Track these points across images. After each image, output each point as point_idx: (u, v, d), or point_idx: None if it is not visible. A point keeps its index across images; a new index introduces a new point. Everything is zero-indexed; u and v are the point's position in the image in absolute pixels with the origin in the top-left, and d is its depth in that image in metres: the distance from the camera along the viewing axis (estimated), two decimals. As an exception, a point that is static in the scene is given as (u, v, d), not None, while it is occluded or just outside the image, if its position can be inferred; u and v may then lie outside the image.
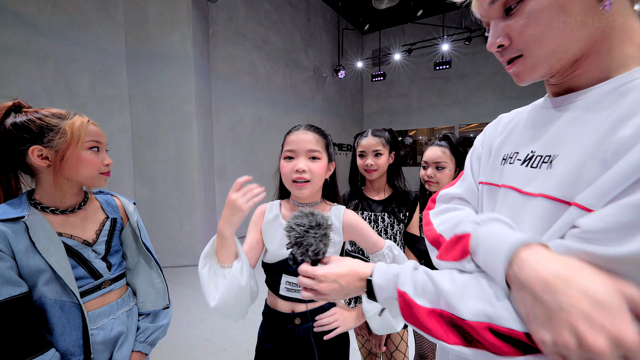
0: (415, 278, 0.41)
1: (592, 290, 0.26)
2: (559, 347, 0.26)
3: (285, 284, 0.76)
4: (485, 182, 0.51)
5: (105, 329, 0.71)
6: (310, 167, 0.73)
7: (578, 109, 0.38)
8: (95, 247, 0.73)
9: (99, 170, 0.71)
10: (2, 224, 0.60)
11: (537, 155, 0.40)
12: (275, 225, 0.78)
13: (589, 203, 0.31)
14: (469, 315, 0.33)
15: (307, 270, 0.51)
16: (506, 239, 0.34)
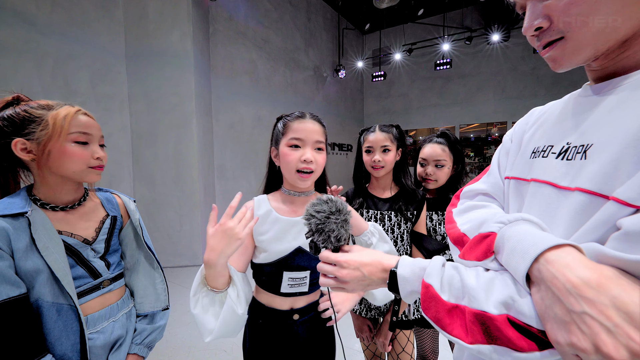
0: (442, 273, 0.40)
1: (625, 303, 0.24)
2: (574, 349, 0.25)
3: (288, 280, 0.74)
4: (513, 177, 0.49)
5: (106, 332, 0.69)
6: (316, 158, 0.72)
7: (621, 94, 0.34)
8: (95, 246, 0.70)
9: (87, 164, 0.66)
10: (3, 220, 0.58)
11: (572, 146, 0.38)
12: (269, 221, 0.75)
13: (629, 197, 0.28)
14: (491, 307, 0.32)
15: (329, 256, 0.50)
16: (534, 238, 0.32)
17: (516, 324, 0.31)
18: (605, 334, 0.24)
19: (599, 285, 0.25)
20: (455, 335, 0.35)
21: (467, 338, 0.34)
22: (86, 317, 0.66)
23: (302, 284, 0.75)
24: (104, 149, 0.72)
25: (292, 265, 0.74)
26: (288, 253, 0.73)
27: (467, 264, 0.40)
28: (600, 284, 0.26)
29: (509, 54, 6.42)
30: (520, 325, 0.30)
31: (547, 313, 0.28)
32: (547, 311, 0.28)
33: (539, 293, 0.30)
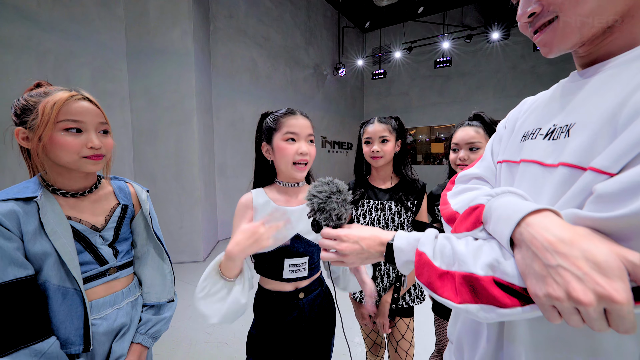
0: (435, 243, 0.43)
1: (593, 254, 0.27)
2: (550, 299, 0.28)
3: (289, 266, 0.78)
4: (504, 160, 0.52)
5: (109, 319, 0.70)
6: (310, 150, 0.79)
7: (602, 76, 0.37)
8: (103, 233, 0.71)
9: (80, 154, 0.63)
10: (15, 203, 0.59)
11: (557, 127, 0.40)
12: (268, 211, 0.79)
13: (603, 166, 0.31)
14: (478, 269, 0.35)
15: (330, 232, 0.53)
16: (518, 206, 0.35)
17: (501, 284, 0.33)
18: (576, 281, 0.26)
19: (572, 242, 0.28)
20: (445, 296, 0.38)
21: (456, 299, 0.36)
22: (90, 303, 0.67)
23: (302, 269, 0.79)
24: (108, 136, 0.70)
25: (292, 251, 0.78)
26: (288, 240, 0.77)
27: (459, 236, 0.43)
28: (573, 241, 0.28)
29: (509, 52, 6.42)
30: (504, 285, 0.33)
31: (527, 270, 0.31)
32: (527, 268, 0.31)
33: (521, 253, 0.32)
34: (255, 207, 0.79)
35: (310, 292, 0.82)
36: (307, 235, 0.79)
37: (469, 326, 0.50)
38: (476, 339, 0.47)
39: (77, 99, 0.65)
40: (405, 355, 1.03)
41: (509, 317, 0.33)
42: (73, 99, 0.64)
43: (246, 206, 0.79)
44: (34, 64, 2.51)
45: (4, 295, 0.56)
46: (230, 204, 4.46)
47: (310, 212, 0.57)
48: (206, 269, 0.68)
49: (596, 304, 0.26)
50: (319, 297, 0.83)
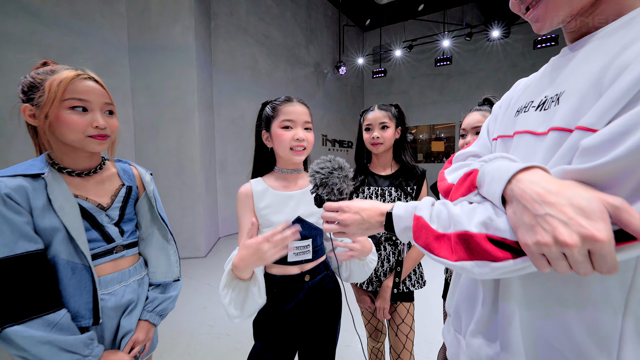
0: (432, 209, 0.45)
1: (577, 200, 0.29)
2: (539, 246, 0.30)
3: (294, 249, 0.79)
4: (499, 136, 0.53)
5: (117, 295, 0.72)
6: (307, 136, 0.81)
7: (589, 46, 0.39)
8: (109, 212, 0.73)
9: (85, 133, 0.64)
10: (23, 179, 0.61)
11: (548, 98, 0.42)
12: (267, 197, 0.81)
13: (589, 123, 0.32)
14: (472, 227, 0.37)
15: (332, 205, 0.55)
16: (508, 166, 0.36)
17: (494, 239, 0.35)
18: (562, 226, 0.28)
19: (558, 192, 0.30)
20: (442, 256, 0.40)
21: (452, 257, 0.38)
22: (99, 278, 0.69)
23: (306, 251, 0.80)
24: (113, 117, 0.71)
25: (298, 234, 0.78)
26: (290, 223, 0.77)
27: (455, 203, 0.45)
28: (559, 191, 0.30)
29: (509, 50, 6.44)
30: (497, 241, 0.35)
31: (518, 223, 0.33)
32: (518, 221, 0.33)
33: (512, 208, 0.34)
34: (255, 196, 0.81)
35: (316, 274, 0.83)
36: (308, 218, 0.81)
37: (465, 294, 0.52)
38: (473, 305, 0.49)
39: (83, 78, 0.66)
40: (406, 339, 1.05)
41: (501, 270, 0.34)
42: (79, 78, 0.65)
43: (246, 195, 0.81)
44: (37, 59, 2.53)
45: (16, 267, 0.57)
46: (231, 200, 4.47)
47: (313, 188, 0.60)
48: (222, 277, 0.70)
49: (580, 245, 0.27)
50: (324, 280, 0.85)
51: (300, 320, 0.81)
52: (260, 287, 0.71)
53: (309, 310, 0.81)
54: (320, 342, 0.85)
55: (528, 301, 0.40)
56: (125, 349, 0.72)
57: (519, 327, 0.40)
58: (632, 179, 0.28)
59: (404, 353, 1.04)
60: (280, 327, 0.80)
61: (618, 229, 0.27)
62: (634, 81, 0.29)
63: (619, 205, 0.27)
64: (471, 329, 0.47)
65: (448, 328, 0.59)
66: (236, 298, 0.69)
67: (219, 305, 2.31)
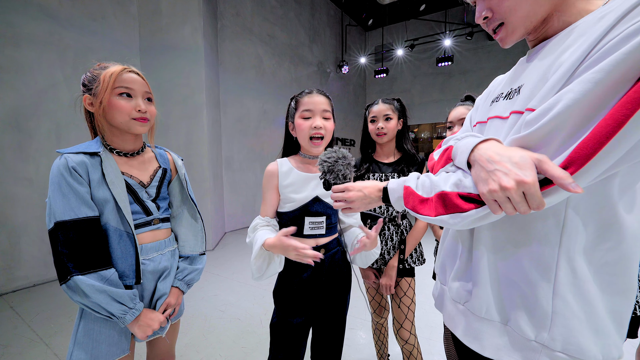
0: (417, 180, 0.56)
1: (513, 158, 0.39)
2: (490, 193, 0.40)
3: (309, 224, 0.89)
4: (478, 122, 0.65)
5: (155, 261, 0.83)
6: (325, 125, 0.88)
7: (543, 51, 0.49)
8: (148, 190, 0.84)
9: (130, 116, 0.75)
10: (84, 156, 0.73)
11: (513, 89, 0.53)
12: (292, 176, 0.91)
13: (534, 105, 0.43)
14: (447, 188, 0.48)
15: (339, 186, 0.67)
16: (473, 139, 0.48)
17: (463, 195, 0.46)
18: (504, 176, 0.39)
19: (503, 154, 0.41)
20: (425, 214, 0.50)
21: (432, 213, 0.49)
22: (140, 246, 0.80)
23: (320, 227, 0.90)
24: (151, 104, 0.82)
25: (312, 211, 0.89)
26: (308, 200, 0.89)
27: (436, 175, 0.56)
28: (503, 153, 0.41)
29: (510, 49, 6.47)
30: (465, 196, 0.45)
31: (477, 179, 0.43)
32: (477, 178, 0.43)
33: (474, 169, 0.45)
34: (280, 174, 0.91)
35: (330, 249, 0.92)
36: (325, 198, 0.91)
37: (448, 251, 0.63)
38: (454, 258, 0.60)
39: (128, 71, 0.78)
40: (407, 310, 1.15)
41: (469, 219, 0.45)
42: (125, 71, 0.77)
43: (272, 174, 0.91)
44: (56, 59, 2.66)
45: (79, 229, 0.68)
46: (237, 197, 4.59)
47: (322, 175, 0.72)
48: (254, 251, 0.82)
49: (516, 187, 0.37)
50: (337, 254, 0.94)
51: (315, 289, 0.91)
52: (281, 258, 0.84)
53: (323, 280, 0.91)
54: (332, 310, 0.95)
55: (493, 246, 0.51)
56: (160, 310, 0.83)
57: (487, 267, 0.51)
58: (554, 142, 0.39)
59: (405, 323, 1.15)
60: (298, 294, 0.90)
61: (543, 178, 0.38)
62: (563, 74, 0.40)
63: (541, 159, 0.37)
64: (452, 276, 0.59)
65: (436, 286, 0.70)
66: (261, 265, 0.83)
67: (228, 293, 2.42)
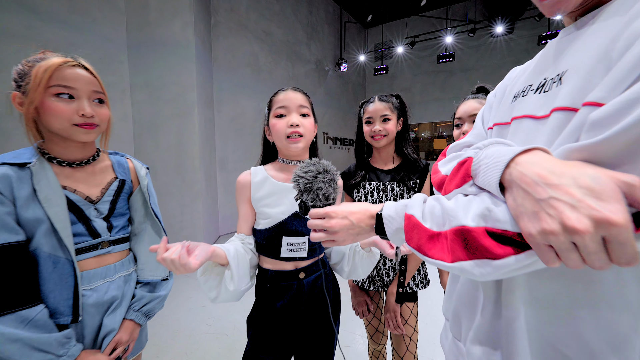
0: (424, 206, 0.41)
1: (585, 180, 0.25)
2: (544, 235, 0.26)
3: (287, 245, 0.75)
4: (495, 124, 0.50)
5: (99, 291, 0.68)
6: (302, 122, 0.76)
7: (595, 24, 0.35)
8: (98, 206, 0.70)
9: (71, 121, 0.61)
10: (9, 168, 0.58)
11: (548, 79, 0.39)
12: (266, 187, 0.77)
13: (599, 97, 0.29)
14: (469, 221, 0.33)
15: (318, 211, 0.51)
16: (506, 150, 0.33)
17: (493, 233, 0.31)
18: (570, 210, 0.24)
19: (563, 172, 0.26)
20: (437, 257, 0.35)
21: (448, 258, 0.34)
22: (81, 273, 0.65)
23: (301, 249, 0.76)
24: (104, 106, 0.69)
25: (291, 229, 0.75)
26: (286, 217, 0.75)
27: (449, 196, 0.41)
28: (563, 171, 0.26)
29: (513, 46, 6.34)
30: (497, 234, 0.31)
31: (519, 210, 0.28)
32: (519, 208, 0.28)
33: (511, 195, 0.30)
34: (253, 185, 0.77)
35: (312, 273, 0.78)
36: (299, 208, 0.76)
37: (465, 298, 0.47)
38: (472, 309, 0.45)
39: (71, 65, 0.63)
40: (409, 341, 0.99)
41: (504, 269, 0.30)
42: (67, 65, 0.63)
43: (243, 185, 0.78)
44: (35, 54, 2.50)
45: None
46: (232, 198, 4.44)
47: (297, 194, 0.55)
48: None
49: (593, 231, 0.23)
50: (320, 278, 0.80)
51: (294, 319, 0.76)
52: (234, 274, 0.67)
53: (304, 309, 0.77)
54: (316, 344, 0.80)
55: (534, 303, 0.36)
56: (107, 350, 0.68)
57: (524, 332, 0.35)
58: None
59: (407, 356, 0.99)
60: (274, 325, 0.76)
61: (635, 212, 0.23)
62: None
63: (634, 183, 0.23)
64: (472, 337, 0.43)
65: (446, 334, 0.54)
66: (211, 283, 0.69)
67: (218, 305, 2.28)
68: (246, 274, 0.71)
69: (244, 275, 0.69)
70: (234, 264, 0.67)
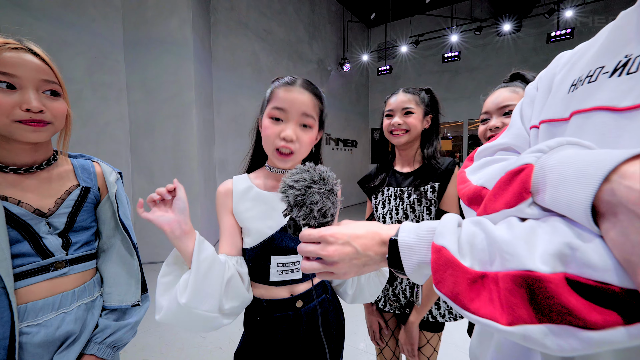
0: (459, 232, 0.29)
1: None
2: None
3: (277, 266, 0.62)
4: (544, 121, 0.39)
5: (49, 326, 0.56)
6: (300, 136, 0.60)
7: None
8: (52, 220, 0.58)
9: (11, 117, 0.50)
10: None
11: (634, 56, 0.28)
12: (250, 197, 0.64)
13: None
14: (538, 264, 0.22)
15: (312, 233, 0.39)
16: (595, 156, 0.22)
17: (580, 284, 0.20)
18: None
19: None
20: (484, 315, 0.24)
21: (502, 317, 0.23)
22: (25, 305, 0.53)
23: (294, 269, 0.63)
24: (59, 99, 0.57)
25: (280, 247, 0.62)
26: (274, 232, 0.62)
27: (494, 218, 0.29)
28: None
29: (520, 45, 6.18)
30: (587, 286, 0.20)
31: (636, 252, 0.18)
32: (635, 250, 0.18)
33: (617, 226, 0.19)
34: (235, 195, 0.64)
35: (311, 299, 0.66)
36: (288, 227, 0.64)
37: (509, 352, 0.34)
38: None
39: (13, 47, 0.52)
40: (422, 373, 0.86)
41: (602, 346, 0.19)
42: (6, 47, 0.51)
43: (224, 195, 0.65)
44: (26, 52, 2.42)
45: None
46: (231, 201, 4.33)
47: (286, 209, 0.42)
48: None
49: None
50: (322, 305, 0.67)
51: (291, 357, 0.64)
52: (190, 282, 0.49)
53: (302, 344, 0.64)
54: None
55: None
56: None
57: None
58: None
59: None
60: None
61: None
62: None
63: None
64: None
65: None
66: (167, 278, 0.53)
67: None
68: (213, 295, 0.52)
69: (209, 294, 0.51)
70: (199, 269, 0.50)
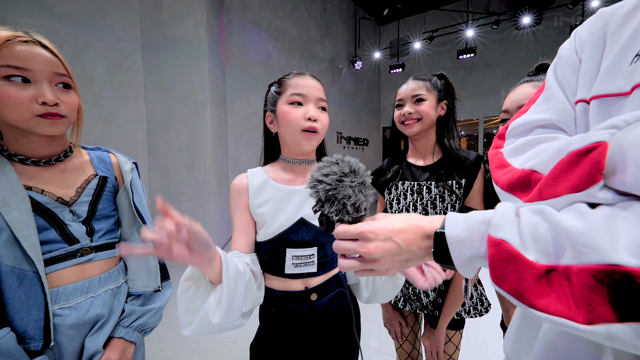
0: (519, 222, 0.26)
1: None
2: None
3: (292, 259, 0.62)
4: (596, 96, 0.33)
5: (80, 309, 0.58)
6: (320, 117, 0.64)
7: None
8: (75, 208, 0.60)
9: (30, 111, 0.51)
10: None
11: None
12: (266, 191, 0.64)
13: None
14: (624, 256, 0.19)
15: (349, 229, 0.37)
16: None
17: None
18: None
19: None
20: (554, 312, 0.22)
21: (579, 316, 0.21)
22: (57, 289, 0.55)
23: (309, 262, 0.63)
24: (71, 92, 0.57)
25: (296, 240, 0.62)
26: (290, 225, 0.62)
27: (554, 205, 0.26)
28: None
29: (541, 39, 5.93)
30: None
31: None
32: None
33: None
34: (250, 190, 0.64)
35: (326, 293, 0.65)
36: (314, 219, 0.63)
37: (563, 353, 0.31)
38: None
39: (23, 40, 0.52)
40: (444, 372, 0.83)
41: None
42: (17, 40, 0.51)
43: (239, 190, 0.65)
44: (51, 55, 2.53)
45: None
46: (244, 199, 4.39)
47: (317, 205, 0.40)
48: None
49: None
50: (336, 299, 0.66)
51: (305, 350, 0.63)
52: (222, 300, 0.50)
53: (317, 337, 0.64)
54: None
55: None
56: None
57: None
58: None
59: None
60: (281, 355, 0.63)
61: None
62: None
63: None
64: None
65: None
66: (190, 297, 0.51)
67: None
68: (239, 306, 0.53)
69: (237, 306, 0.52)
70: (229, 287, 0.50)
